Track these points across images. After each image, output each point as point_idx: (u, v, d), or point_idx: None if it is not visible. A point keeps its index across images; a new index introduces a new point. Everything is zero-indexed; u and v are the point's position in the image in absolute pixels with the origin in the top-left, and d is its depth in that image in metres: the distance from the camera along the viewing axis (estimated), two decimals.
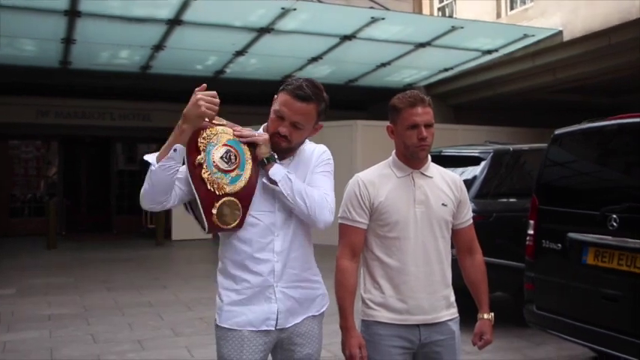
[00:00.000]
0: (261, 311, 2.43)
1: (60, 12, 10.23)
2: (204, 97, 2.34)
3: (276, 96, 2.51)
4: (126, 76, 14.61)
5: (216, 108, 2.36)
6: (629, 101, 13.61)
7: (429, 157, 2.73)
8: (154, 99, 16.65)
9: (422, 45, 12.87)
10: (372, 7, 11.52)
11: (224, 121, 2.45)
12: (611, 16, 11.28)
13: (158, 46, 12.32)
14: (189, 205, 2.47)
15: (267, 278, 2.44)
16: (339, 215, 2.70)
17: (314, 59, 13.39)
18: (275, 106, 2.45)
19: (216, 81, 15.16)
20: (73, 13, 10.31)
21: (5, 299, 8.23)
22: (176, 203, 2.42)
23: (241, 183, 2.38)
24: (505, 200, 6.52)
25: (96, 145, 19.87)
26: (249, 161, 2.40)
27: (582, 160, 5.11)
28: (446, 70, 14.78)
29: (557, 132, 5.15)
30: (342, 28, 11.84)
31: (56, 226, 14.52)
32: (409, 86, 16.10)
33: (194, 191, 2.32)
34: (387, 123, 2.69)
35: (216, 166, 2.35)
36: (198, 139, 2.35)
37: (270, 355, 2.53)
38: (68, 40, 11.71)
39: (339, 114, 13.47)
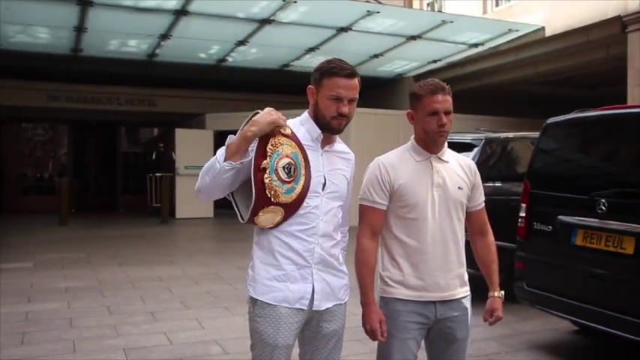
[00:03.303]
0: (297, 289, 2.38)
1: (73, 1, 10.08)
2: (274, 109, 2.36)
3: (311, 86, 2.45)
4: (133, 63, 14.46)
5: (284, 122, 2.38)
6: (604, 94, 13.64)
7: (446, 143, 2.68)
8: (159, 85, 16.51)
9: (413, 38, 12.80)
10: (367, 1, 11.41)
11: (289, 131, 2.39)
12: (589, 14, 11.29)
13: (165, 36, 12.18)
14: (232, 194, 2.42)
15: (308, 259, 2.40)
16: (359, 197, 2.65)
17: (311, 49, 13.30)
18: (327, 92, 2.39)
19: (218, 69, 15.05)
20: (85, 3, 10.16)
21: (24, 272, 8.15)
22: (226, 194, 2.42)
23: (293, 195, 2.34)
24: (494, 184, 6.51)
25: (103, 128, 19.70)
26: (303, 177, 2.37)
27: (572, 148, 5.08)
28: (435, 61, 14.74)
29: (548, 121, 5.11)
30: (338, 20, 11.75)
31: (68, 203, 14.39)
32: (400, 76, 16.08)
33: (253, 191, 2.28)
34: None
35: (277, 175, 2.30)
36: (267, 145, 2.31)
37: None
38: (80, 29, 11.56)
39: None
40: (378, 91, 16.56)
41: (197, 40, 12.72)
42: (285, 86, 15.67)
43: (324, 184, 2.45)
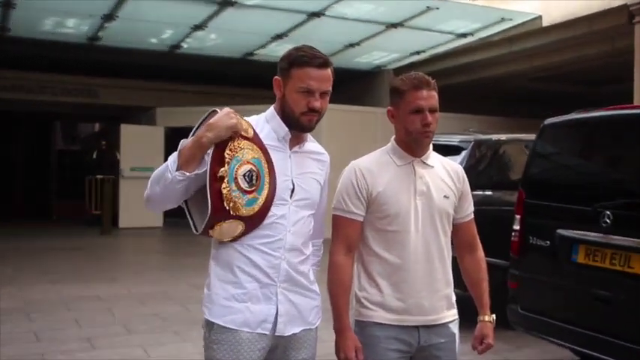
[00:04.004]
0: (259, 311, 2.35)
1: None
2: (233, 111, 2.33)
3: (277, 77, 2.44)
4: (71, 47, 14.22)
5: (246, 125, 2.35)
6: (609, 91, 13.85)
7: (431, 145, 2.68)
8: (102, 74, 16.30)
9: (394, 25, 12.85)
10: None
11: (251, 132, 2.36)
12: (591, 2, 11.42)
13: (109, 16, 12.01)
14: (185, 201, 2.39)
15: (272, 276, 2.37)
16: (333, 206, 2.63)
17: (278, 37, 13.28)
18: (296, 84, 2.38)
19: (171, 56, 14.92)
20: None
21: None
22: (179, 203, 2.39)
23: (256, 207, 2.31)
24: (484, 193, 6.56)
25: (35, 122, 19.39)
26: (267, 185, 2.34)
27: (573, 152, 5.14)
28: (417, 53, 14.85)
29: (546, 122, 5.16)
30: (310, 4, 11.74)
31: None
32: (378, 69, 16.16)
33: (209, 203, 2.24)
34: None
35: (237, 184, 2.27)
36: (225, 150, 2.27)
37: None
38: (7, 4, 11.30)
39: None
40: (354, 85, 16.61)
41: (147, 23, 12.59)
42: (248, 78, 15.60)
43: (293, 190, 2.43)
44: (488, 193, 6.61)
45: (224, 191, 2.25)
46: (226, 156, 2.27)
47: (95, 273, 9.51)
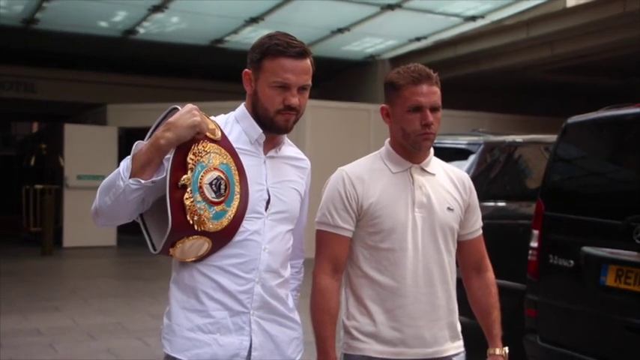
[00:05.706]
0: (230, 344, 2.37)
1: None
2: (197, 108, 2.33)
3: (248, 70, 2.47)
4: (3, 31, 14.15)
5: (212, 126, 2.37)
6: None
7: (432, 150, 2.73)
8: (40, 64, 16.23)
9: (390, 7, 12.90)
10: None
11: (219, 134, 2.38)
12: None
13: None
14: (141, 216, 2.40)
15: (244, 302, 2.40)
16: (317, 220, 2.67)
17: (253, 20, 13.31)
18: (270, 78, 2.41)
19: (125, 43, 14.90)
20: None
21: None
22: (134, 218, 2.39)
23: (224, 222, 2.33)
24: (495, 204, 6.63)
25: None
26: (238, 196, 2.36)
27: (602, 156, 5.19)
28: (418, 39, 14.92)
29: (570, 120, 5.21)
30: None
31: None
32: (372, 58, 16.22)
33: (169, 216, 2.24)
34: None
35: (202, 194, 2.29)
36: (188, 154, 2.29)
37: None
38: None
39: None
40: (343, 78, 16.68)
41: (96, 2, 12.58)
42: (216, 69, 15.62)
43: (268, 202, 2.46)
44: (501, 204, 6.67)
45: (187, 202, 2.27)
46: (189, 161, 2.28)
47: (34, 302, 9.45)
